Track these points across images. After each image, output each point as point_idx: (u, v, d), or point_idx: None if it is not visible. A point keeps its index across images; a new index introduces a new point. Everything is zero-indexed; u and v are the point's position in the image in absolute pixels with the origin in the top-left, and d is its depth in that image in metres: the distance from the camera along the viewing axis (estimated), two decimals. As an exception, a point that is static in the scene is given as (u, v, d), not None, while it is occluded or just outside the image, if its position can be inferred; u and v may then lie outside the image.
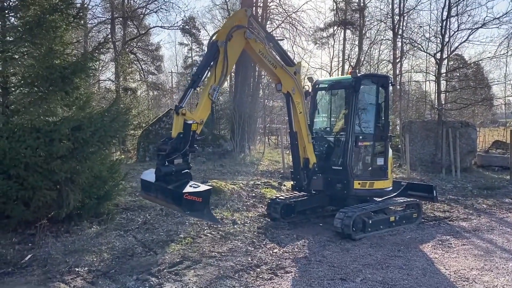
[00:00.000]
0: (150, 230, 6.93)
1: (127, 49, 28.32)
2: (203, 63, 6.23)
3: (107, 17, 28.04)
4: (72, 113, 6.99)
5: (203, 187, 5.45)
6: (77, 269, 5.18)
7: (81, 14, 7.49)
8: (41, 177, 6.00)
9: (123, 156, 15.29)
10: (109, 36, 24.69)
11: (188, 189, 5.34)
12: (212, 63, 6.10)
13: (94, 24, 27.36)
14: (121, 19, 28.23)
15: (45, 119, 6.47)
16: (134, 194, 9.20)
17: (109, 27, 27.65)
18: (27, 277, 4.98)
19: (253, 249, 6.19)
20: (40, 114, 6.43)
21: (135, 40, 31.01)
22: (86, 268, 5.22)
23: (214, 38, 6.21)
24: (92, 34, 27.59)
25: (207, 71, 6.12)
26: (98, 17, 27.88)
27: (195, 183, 5.58)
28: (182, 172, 5.67)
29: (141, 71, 32.59)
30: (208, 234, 6.78)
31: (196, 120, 5.78)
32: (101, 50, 7.55)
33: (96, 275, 5.06)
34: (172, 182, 5.52)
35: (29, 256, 5.54)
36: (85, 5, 23.16)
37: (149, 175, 5.88)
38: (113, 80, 25.84)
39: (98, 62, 8.37)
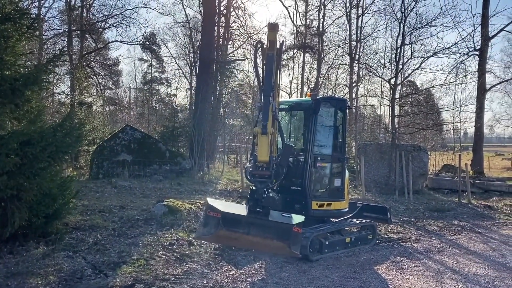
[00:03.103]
0: (101, 251, 6.62)
1: (84, 63, 27.62)
2: (270, 76, 6.03)
3: (64, 29, 27.36)
4: (21, 126, 6.65)
5: (298, 217, 4.98)
6: (19, 294, 4.84)
7: (36, 25, 7.20)
8: (-17, 194, 5.63)
9: (75, 173, 14.72)
10: (65, 48, 24.01)
11: (290, 220, 4.85)
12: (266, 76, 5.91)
13: (50, 36, 26.62)
14: (78, 32, 27.60)
15: (-8, 133, 6.12)
16: (85, 213, 8.81)
17: (66, 39, 26.93)
18: (-38, 302, 4.61)
19: (209, 271, 6.04)
20: (-14, 127, 6.08)
21: (92, 54, 30.37)
22: (29, 292, 4.90)
23: (264, 49, 6.04)
24: (48, 46, 26.79)
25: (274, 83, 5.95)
26: (55, 29, 27.17)
27: (282, 213, 5.10)
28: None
29: (98, 86, 31.86)
30: (162, 256, 6.56)
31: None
32: (56, 62, 7.26)
33: (40, 299, 4.75)
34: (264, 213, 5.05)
35: (-34, 279, 5.14)
36: (41, 16, 22.49)
37: (231, 207, 5.34)
38: (68, 94, 25.04)
39: (52, 75, 8.07)
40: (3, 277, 5.25)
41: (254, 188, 5.68)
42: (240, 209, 5.77)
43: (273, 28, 6.63)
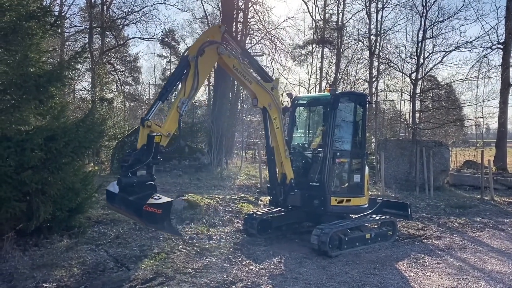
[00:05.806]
0: (123, 244, 6.74)
1: (105, 59, 27.99)
2: (173, 76, 6.31)
3: (85, 26, 27.76)
4: (45, 122, 6.80)
5: (164, 199, 5.45)
6: (45, 285, 4.97)
7: (59, 22, 7.33)
8: (10, 187, 5.77)
9: (96, 168, 14.96)
10: (87, 45, 24.37)
11: (148, 200, 5.33)
12: (182, 77, 6.16)
13: (71, 33, 27.07)
14: (99, 29, 27.96)
15: (17, 128, 6.26)
16: (107, 207, 8.96)
17: (87, 36, 27.33)
18: (-10, 293, 4.75)
19: (228, 265, 6.09)
20: (12, 123, 6.21)
21: (113, 50, 30.75)
22: (54, 284, 5.02)
23: (186, 52, 6.28)
24: (69, 43, 27.27)
25: (176, 85, 6.18)
26: (76, 26, 27.60)
27: (158, 195, 5.55)
28: (146, 184, 5.67)
29: (118, 82, 32.26)
30: (182, 250, 6.64)
31: (163, 133, 5.79)
32: (78, 59, 7.39)
33: (65, 291, 4.86)
34: (136, 194, 5.52)
35: (-6, 270, 5.30)
36: (63, 14, 22.87)
37: (114, 186, 5.81)
38: (89, 90, 25.44)
39: (74, 71, 8.20)
40: (29, 269, 5.40)
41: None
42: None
43: (210, 31, 6.89)
